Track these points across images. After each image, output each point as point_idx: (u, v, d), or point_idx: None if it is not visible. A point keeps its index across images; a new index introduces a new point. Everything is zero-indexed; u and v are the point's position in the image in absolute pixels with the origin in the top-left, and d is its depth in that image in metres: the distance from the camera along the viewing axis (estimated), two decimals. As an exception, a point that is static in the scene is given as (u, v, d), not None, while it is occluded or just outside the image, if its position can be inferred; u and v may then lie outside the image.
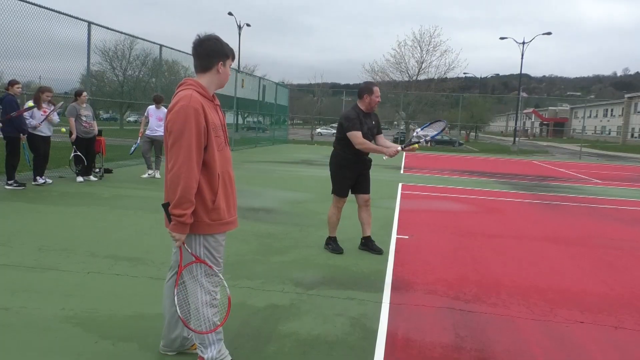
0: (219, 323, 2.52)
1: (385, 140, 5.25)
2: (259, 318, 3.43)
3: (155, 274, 4.15)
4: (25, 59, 9.28)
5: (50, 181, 8.64)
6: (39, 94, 8.28)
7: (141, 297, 3.68)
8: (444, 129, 5.04)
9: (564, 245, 6.06)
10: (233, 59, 2.51)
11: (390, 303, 3.83)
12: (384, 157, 5.02)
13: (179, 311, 2.45)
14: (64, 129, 9.56)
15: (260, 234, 5.82)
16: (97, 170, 9.64)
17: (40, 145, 8.39)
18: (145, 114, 10.23)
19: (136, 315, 3.34)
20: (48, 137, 8.54)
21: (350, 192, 5.25)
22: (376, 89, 5.11)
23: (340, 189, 5.21)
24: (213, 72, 2.45)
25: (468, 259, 5.24)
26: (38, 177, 8.45)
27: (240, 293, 3.83)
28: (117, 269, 4.26)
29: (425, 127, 5.04)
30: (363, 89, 5.13)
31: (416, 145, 4.92)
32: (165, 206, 2.34)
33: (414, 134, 5.03)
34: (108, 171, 10.19)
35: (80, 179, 9.06)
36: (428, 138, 4.95)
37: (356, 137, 4.98)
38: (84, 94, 9.15)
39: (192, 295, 2.48)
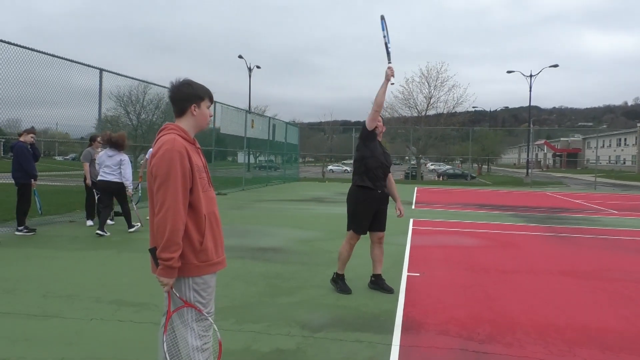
0: None
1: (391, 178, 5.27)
2: (264, 364, 3.31)
3: (159, 319, 4.05)
4: (42, 106, 9.48)
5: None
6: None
7: (144, 343, 3.58)
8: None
9: (580, 279, 5.86)
10: (210, 100, 2.55)
11: (400, 345, 3.69)
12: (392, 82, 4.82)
13: (168, 358, 2.37)
14: None
15: (268, 275, 5.73)
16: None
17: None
18: (147, 155, 10.29)
19: (137, 364, 3.25)
20: None
21: None
22: None
23: (358, 226, 5.10)
24: (188, 115, 2.48)
25: (482, 296, 5.08)
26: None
27: (244, 338, 3.72)
28: (121, 315, 4.19)
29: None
30: None
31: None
32: (153, 251, 2.33)
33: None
34: (118, 214, 10.20)
35: (89, 222, 9.08)
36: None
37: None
38: (99, 138, 9.27)
39: (182, 341, 2.41)
